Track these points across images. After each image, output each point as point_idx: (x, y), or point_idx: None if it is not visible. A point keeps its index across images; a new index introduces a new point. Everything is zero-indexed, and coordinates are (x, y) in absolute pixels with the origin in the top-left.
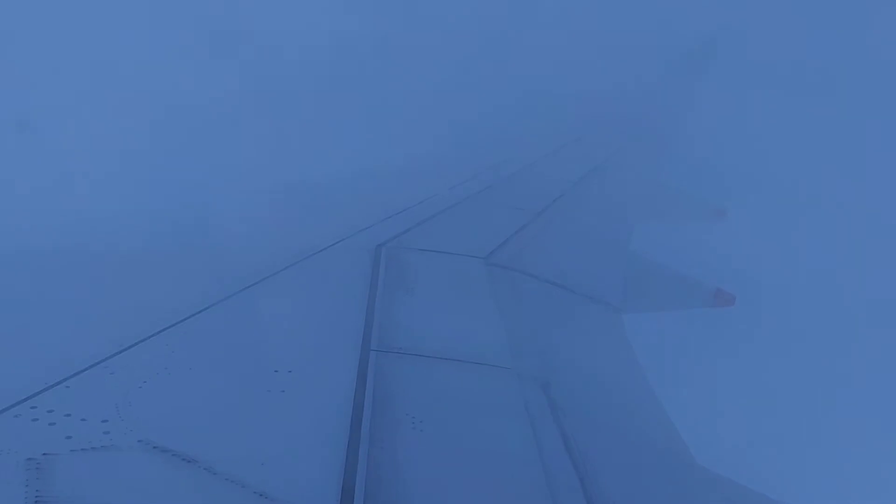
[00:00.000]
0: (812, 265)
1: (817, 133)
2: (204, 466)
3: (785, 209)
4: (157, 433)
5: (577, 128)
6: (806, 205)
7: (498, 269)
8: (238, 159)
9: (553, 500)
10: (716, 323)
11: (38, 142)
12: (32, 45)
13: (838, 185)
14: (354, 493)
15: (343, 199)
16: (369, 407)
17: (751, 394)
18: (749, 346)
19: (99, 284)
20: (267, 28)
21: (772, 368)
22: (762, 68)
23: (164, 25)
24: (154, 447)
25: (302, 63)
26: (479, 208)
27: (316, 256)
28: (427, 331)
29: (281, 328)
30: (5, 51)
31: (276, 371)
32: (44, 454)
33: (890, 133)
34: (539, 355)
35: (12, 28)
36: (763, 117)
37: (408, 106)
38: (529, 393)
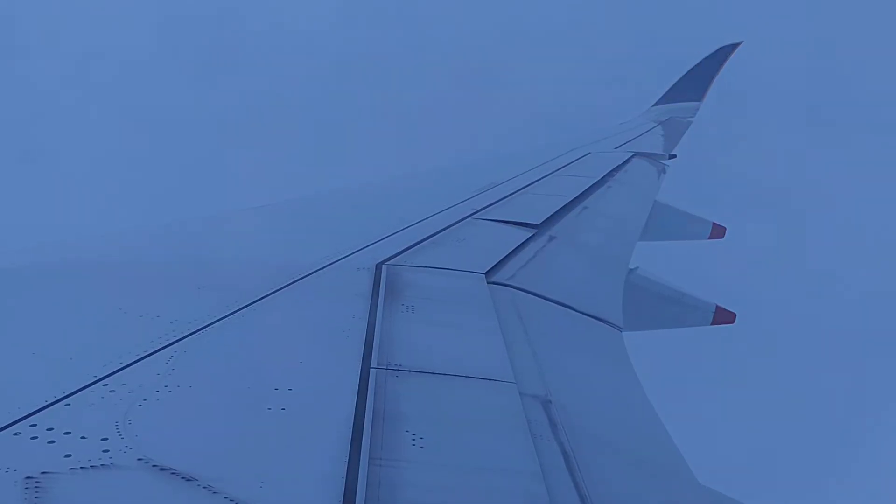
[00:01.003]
0: (812, 283)
1: (817, 151)
2: (203, 485)
3: (784, 227)
4: (157, 452)
5: (580, 144)
6: (805, 223)
7: (499, 287)
8: (238, 175)
9: None
10: (716, 341)
11: (39, 158)
12: (34, 63)
13: (838, 202)
14: None
15: (343, 217)
16: (369, 424)
17: (751, 411)
18: (749, 364)
19: (98, 301)
20: (268, 44)
21: (772, 386)
22: (761, 86)
23: (165, 41)
24: (154, 466)
25: (303, 78)
26: (481, 225)
27: (316, 274)
28: (428, 348)
29: (281, 346)
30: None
31: (276, 389)
32: (43, 472)
33: (886, 151)
34: (540, 372)
35: (12, 47)
36: (764, 136)
37: (408, 122)
38: (531, 409)
